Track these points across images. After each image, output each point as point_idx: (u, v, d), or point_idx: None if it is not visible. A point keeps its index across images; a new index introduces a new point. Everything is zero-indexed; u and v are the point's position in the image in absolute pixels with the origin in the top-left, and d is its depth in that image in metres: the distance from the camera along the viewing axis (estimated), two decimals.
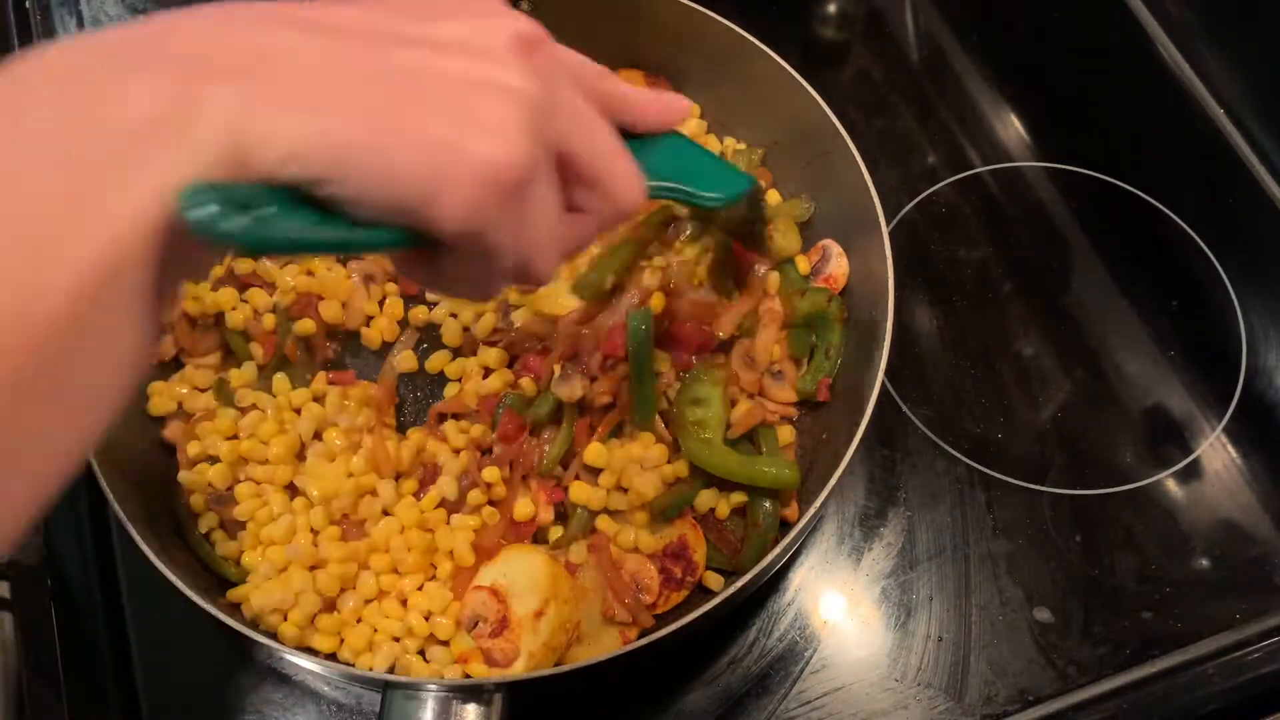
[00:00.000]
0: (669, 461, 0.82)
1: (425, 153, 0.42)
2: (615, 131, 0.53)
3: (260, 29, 0.43)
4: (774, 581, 0.86)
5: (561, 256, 0.53)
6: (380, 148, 0.42)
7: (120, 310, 0.39)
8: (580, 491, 0.80)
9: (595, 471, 0.81)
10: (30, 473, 0.40)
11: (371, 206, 0.43)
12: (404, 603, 0.78)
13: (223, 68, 0.41)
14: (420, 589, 0.78)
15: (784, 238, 0.91)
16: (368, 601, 0.78)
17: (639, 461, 0.81)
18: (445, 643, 0.76)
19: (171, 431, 0.84)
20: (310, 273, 0.90)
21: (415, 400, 0.89)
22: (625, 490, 0.81)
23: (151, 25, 0.42)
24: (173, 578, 0.69)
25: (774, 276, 0.89)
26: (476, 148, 0.43)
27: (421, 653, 0.77)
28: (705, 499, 0.81)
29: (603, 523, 0.81)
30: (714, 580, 0.80)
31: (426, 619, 0.77)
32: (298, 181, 0.41)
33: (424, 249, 0.46)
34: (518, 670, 0.73)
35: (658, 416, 0.83)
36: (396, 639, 0.77)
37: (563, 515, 0.82)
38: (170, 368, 0.87)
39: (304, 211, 0.42)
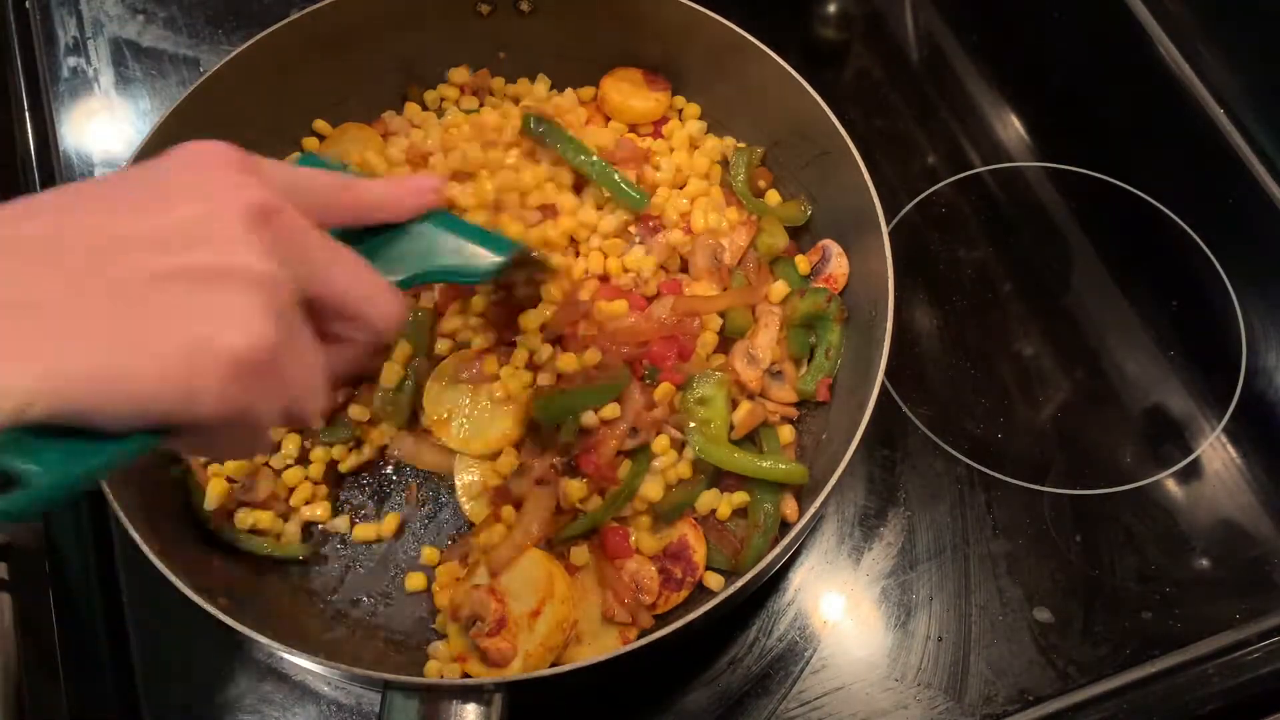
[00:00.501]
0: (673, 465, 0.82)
1: (171, 361, 0.42)
2: (360, 262, 0.54)
3: None
4: (774, 581, 0.86)
5: (329, 391, 0.56)
6: (121, 372, 0.41)
7: None
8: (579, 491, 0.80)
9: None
10: None
11: (129, 423, 0.42)
12: None
13: None
14: None
15: (771, 236, 0.92)
16: None
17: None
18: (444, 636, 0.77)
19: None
20: None
21: None
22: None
23: None
24: (172, 578, 0.69)
25: (778, 285, 0.89)
26: (221, 342, 0.43)
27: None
28: (706, 500, 0.81)
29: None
30: (714, 580, 0.80)
31: None
32: (45, 421, 0.40)
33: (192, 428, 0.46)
34: (514, 669, 0.73)
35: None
36: None
37: None
38: None
39: (59, 446, 0.41)
